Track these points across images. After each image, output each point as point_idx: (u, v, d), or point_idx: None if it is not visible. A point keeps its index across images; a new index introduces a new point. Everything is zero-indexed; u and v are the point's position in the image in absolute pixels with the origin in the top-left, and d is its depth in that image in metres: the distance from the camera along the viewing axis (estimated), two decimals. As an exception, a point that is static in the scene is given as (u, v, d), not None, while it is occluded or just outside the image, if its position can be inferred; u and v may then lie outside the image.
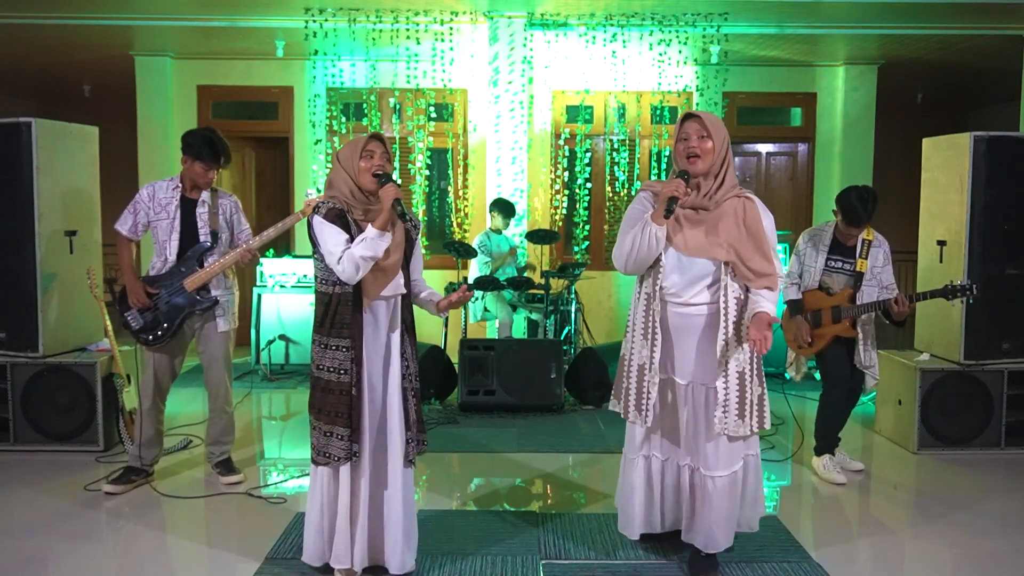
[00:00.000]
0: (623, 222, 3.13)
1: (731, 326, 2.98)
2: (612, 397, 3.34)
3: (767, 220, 3.03)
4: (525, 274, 6.96)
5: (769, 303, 2.97)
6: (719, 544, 3.10)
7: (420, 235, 3.26)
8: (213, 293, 4.12)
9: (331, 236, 2.92)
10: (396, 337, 3.08)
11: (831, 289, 4.35)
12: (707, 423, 3.04)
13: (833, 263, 4.34)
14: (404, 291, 3.10)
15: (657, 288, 3.04)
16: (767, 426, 3.11)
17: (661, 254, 3.01)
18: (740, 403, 3.00)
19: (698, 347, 3.04)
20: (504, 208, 6.80)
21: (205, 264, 4.09)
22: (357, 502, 3.03)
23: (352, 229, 2.95)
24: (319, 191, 3.98)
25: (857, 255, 4.30)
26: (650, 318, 3.06)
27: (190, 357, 4.40)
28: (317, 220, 2.95)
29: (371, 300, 2.99)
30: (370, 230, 2.88)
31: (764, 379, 3.11)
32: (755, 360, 3.05)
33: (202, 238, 4.11)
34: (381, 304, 3.04)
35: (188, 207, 4.11)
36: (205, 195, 4.16)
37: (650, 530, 3.28)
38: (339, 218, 2.95)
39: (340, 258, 2.89)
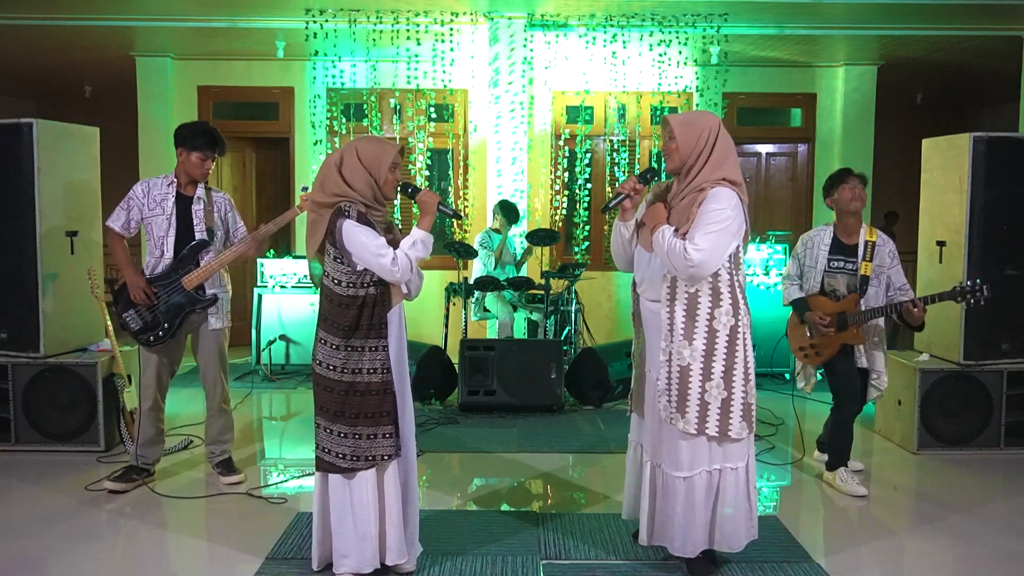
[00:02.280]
0: None
1: (677, 320, 3.00)
2: None
3: (709, 205, 2.93)
4: (526, 262, 6.95)
5: (668, 228, 2.95)
6: (676, 548, 3.10)
7: None
8: (210, 291, 4.13)
9: (372, 239, 2.92)
10: (405, 336, 3.16)
11: (836, 291, 4.22)
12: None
13: (835, 263, 4.22)
14: (406, 291, 3.14)
15: (633, 283, 3.25)
16: (732, 434, 3.02)
17: (635, 252, 3.21)
18: (681, 397, 3.01)
19: (658, 340, 3.11)
20: (507, 211, 6.78)
21: (201, 262, 4.10)
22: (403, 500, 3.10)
23: (378, 229, 2.98)
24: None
25: (860, 257, 4.19)
26: (635, 313, 3.27)
27: (188, 357, 4.40)
28: (350, 224, 2.91)
29: (400, 298, 3.07)
30: (420, 233, 3.01)
31: (738, 385, 3.02)
32: (718, 362, 3.00)
33: (198, 235, 4.11)
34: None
35: (183, 204, 4.11)
36: (200, 192, 4.16)
37: (633, 516, 3.35)
38: (367, 221, 2.95)
39: (394, 259, 2.92)
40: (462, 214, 3.10)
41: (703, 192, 2.97)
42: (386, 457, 2.99)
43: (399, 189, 3.10)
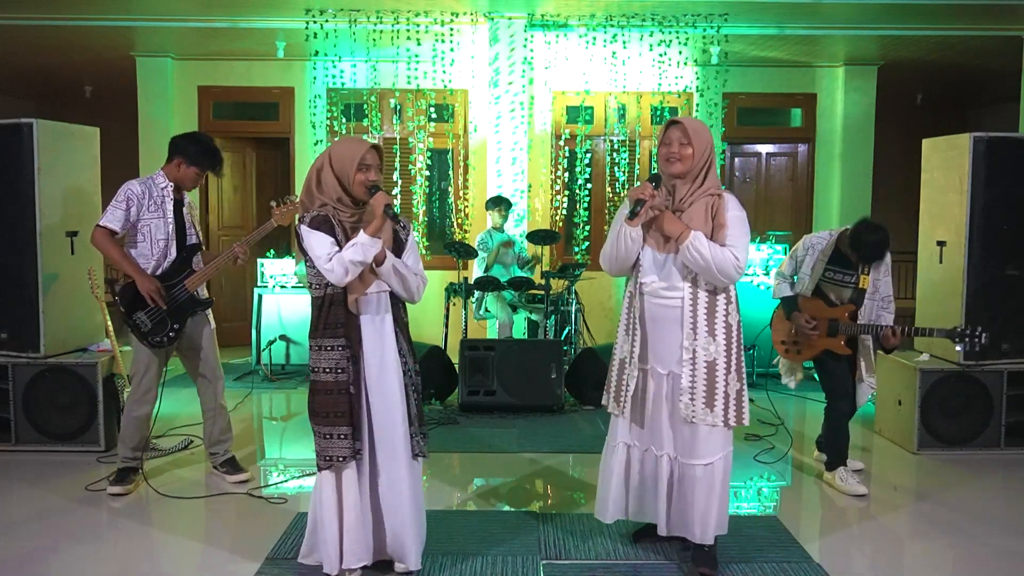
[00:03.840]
0: (611, 225, 3.30)
1: (700, 317, 3.10)
2: (604, 391, 3.44)
3: (735, 212, 3.13)
4: (530, 267, 6.95)
5: (702, 236, 3.02)
6: (708, 535, 3.15)
7: (410, 235, 3.22)
8: (202, 293, 4.18)
9: (317, 241, 2.96)
10: (389, 334, 3.10)
11: (830, 299, 4.21)
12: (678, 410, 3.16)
13: (833, 275, 4.19)
14: (388, 288, 3.09)
15: (638, 285, 3.20)
16: (745, 422, 3.18)
17: (640, 253, 3.18)
18: (708, 393, 3.10)
19: (672, 337, 3.16)
20: (497, 201, 6.80)
21: (193, 264, 4.11)
22: (365, 500, 3.06)
23: (337, 232, 2.98)
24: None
25: (859, 270, 4.16)
26: (631, 314, 3.24)
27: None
28: (304, 229, 2.99)
29: (354, 296, 3.01)
30: (362, 236, 2.93)
31: (744, 376, 3.21)
32: (734, 355, 3.14)
33: (191, 238, 4.14)
34: (371, 301, 3.06)
35: (177, 207, 4.13)
36: (186, 195, 4.21)
37: (620, 516, 3.35)
38: (324, 223, 2.99)
39: (329, 260, 2.92)
40: (401, 219, 3.02)
41: (720, 198, 3.13)
42: (341, 459, 2.99)
43: (369, 191, 3.02)
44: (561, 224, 7.92)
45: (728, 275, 3.05)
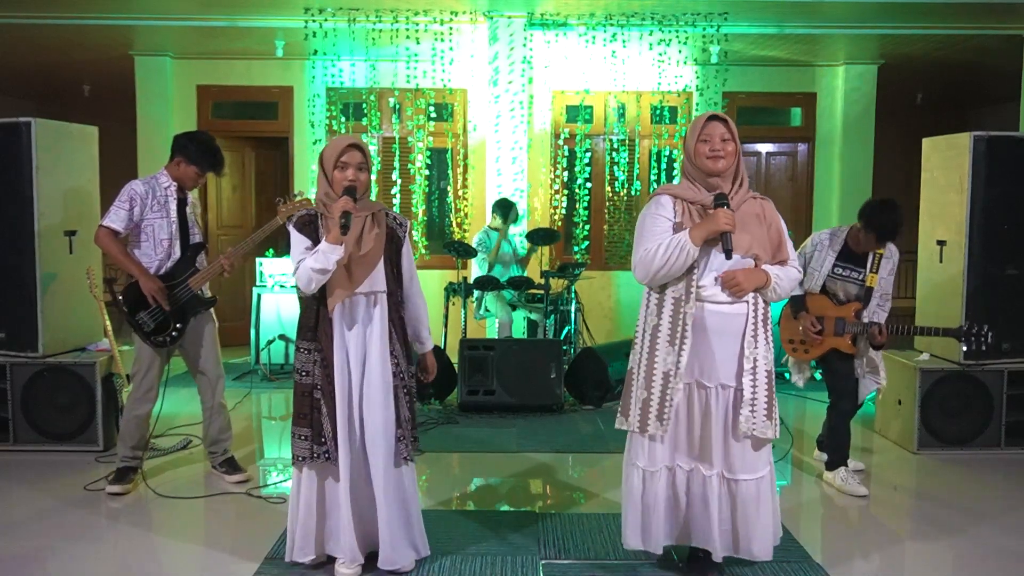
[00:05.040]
0: (643, 229, 3.01)
1: (760, 325, 2.99)
2: (619, 415, 3.12)
3: (781, 220, 3.14)
4: (527, 266, 6.95)
5: (776, 272, 3.01)
6: (768, 550, 3.01)
7: (406, 244, 3.16)
8: (206, 292, 4.19)
9: (295, 246, 3.00)
10: (377, 335, 3.04)
11: (838, 296, 4.22)
12: (735, 425, 2.97)
13: (841, 271, 4.19)
14: (383, 288, 3.05)
15: (692, 290, 2.94)
16: (777, 434, 3.05)
17: (701, 259, 2.96)
18: (768, 403, 2.97)
19: (729, 347, 2.97)
20: (500, 209, 6.78)
21: (197, 263, 4.12)
22: (323, 502, 3.10)
23: (321, 234, 2.98)
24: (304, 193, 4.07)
25: (868, 268, 4.16)
26: (679, 322, 2.95)
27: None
28: (290, 228, 3.03)
29: (334, 301, 2.97)
30: (323, 243, 2.91)
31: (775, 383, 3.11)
32: (771, 361, 3.06)
33: (194, 237, 4.14)
34: (360, 301, 3.03)
35: (180, 207, 4.13)
36: (189, 195, 4.21)
37: (669, 543, 3.10)
38: (308, 225, 3.00)
39: (297, 265, 2.95)
40: (347, 228, 2.92)
41: (767, 201, 3.10)
42: (301, 459, 3.05)
43: (345, 191, 2.95)
44: (560, 223, 7.91)
45: (794, 288, 3.11)
